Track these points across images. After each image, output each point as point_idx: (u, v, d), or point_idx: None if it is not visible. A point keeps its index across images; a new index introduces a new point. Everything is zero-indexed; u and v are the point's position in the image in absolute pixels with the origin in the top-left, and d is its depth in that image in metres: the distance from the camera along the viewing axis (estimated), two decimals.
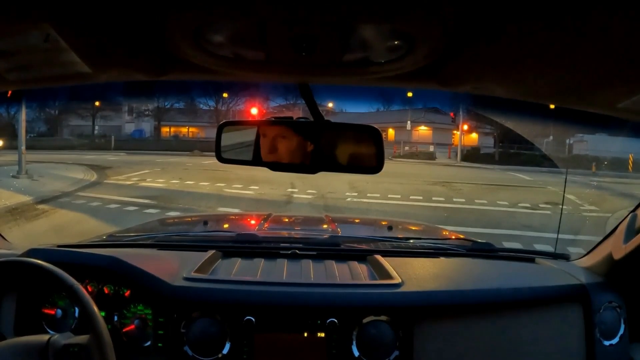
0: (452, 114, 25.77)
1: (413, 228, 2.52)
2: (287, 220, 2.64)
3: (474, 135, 27.77)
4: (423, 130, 30.24)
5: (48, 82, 0.84)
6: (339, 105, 27.67)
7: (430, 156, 23.87)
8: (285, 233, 2.13)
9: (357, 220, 3.06)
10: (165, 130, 31.58)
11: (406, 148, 26.05)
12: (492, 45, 0.65)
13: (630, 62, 0.62)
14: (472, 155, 23.05)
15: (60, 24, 0.61)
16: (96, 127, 27.61)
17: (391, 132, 30.10)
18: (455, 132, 27.41)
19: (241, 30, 0.67)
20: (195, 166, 15.28)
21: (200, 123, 30.29)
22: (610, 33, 0.55)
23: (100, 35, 0.66)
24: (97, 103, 24.41)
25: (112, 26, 0.64)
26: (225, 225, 2.46)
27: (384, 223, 2.50)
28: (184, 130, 32.69)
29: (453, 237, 2.05)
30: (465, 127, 24.96)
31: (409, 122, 27.32)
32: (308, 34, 0.65)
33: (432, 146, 25.77)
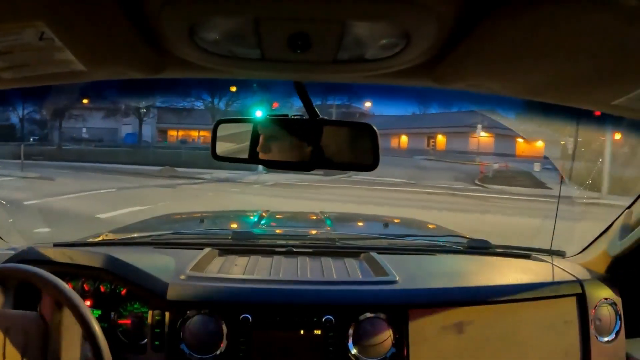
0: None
1: (409, 225, 2.52)
2: (283, 217, 2.64)
3: (540, 144, 18.64)
4: (483, 137, 23.63)
5: (43, 81, 0.84)
6: (364, 107, 24.31)
7: (534, 181, 14.57)
8: (281, 230, 2.15)
9: (353, 218, 3.07)
10: (172, 134, 26.25)
11: (495, 166, 17.51)
12: (487, 42, 0.66)
13: (625, 60, 0.63)
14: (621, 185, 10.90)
15: (55, 22, 0.60)
16: (84, 129, 24.19)
17: (441, 139, 25.86)
18: (519, 139, 19.75)
19: (236, 27, 0.67)
20: None
21: (193, 125, 25.19)
22: (606, 30, 0.55)
23: (94, 33, 0.66)
24: (85, 100, 20.94)
25: (106, 24, 0.64)
26: (222, 223, 2.45)
27: (380, 220, 2.50)
28: (194, 134, 26.35)
29: (449, 234, 2.05)
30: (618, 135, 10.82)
31: (479, 126, 21.76)
32: (303, 31, 0.65)
33: (538, 164, 16.15)
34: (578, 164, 10.68)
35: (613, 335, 1.35)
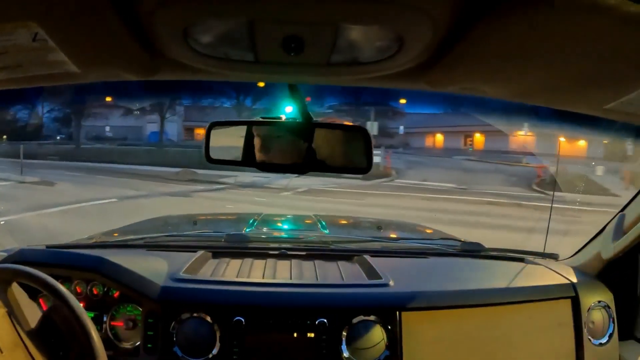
0: None
1: (402, 228, 2.52)
2: (276, 220, 2.64)
3: (583, 143, 16.04)
4: (525, 136, 20.49)
5: (36, 82, 0.84)
6: (398, 105, 22.23)
7: (596, 186, 11.97)
8: (274, 233, 2.13)
9: (346, 221, 3.04)
10: (199, 132, 23.82)
11: (552, 169, 13.73)
12: (480, 46, 0.66)
13: (618, 64, 0.63)
14: None
15: (48, 23, 0.60)
16: (107, 128, 22.39)
17: (479, 137, 24.49)
18: (561, 138, 18.97)
19: (230, 30, 0.67)
20: None
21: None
22: (598, 34, 0.56)
23: (88, 34, 0.66)
24: (108, 98, 19.30)
25: (100, 25, 0.64)
26: (215, 226, 2.44)
27: (373, 223, 2.50)
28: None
29: (442, 237, 2.04)
30: None
31: (525, 124, 17.38)
32: (297, 34, 0.65)
33: (601, 167, 13.33)
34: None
35: (606, 338, 1.35)
